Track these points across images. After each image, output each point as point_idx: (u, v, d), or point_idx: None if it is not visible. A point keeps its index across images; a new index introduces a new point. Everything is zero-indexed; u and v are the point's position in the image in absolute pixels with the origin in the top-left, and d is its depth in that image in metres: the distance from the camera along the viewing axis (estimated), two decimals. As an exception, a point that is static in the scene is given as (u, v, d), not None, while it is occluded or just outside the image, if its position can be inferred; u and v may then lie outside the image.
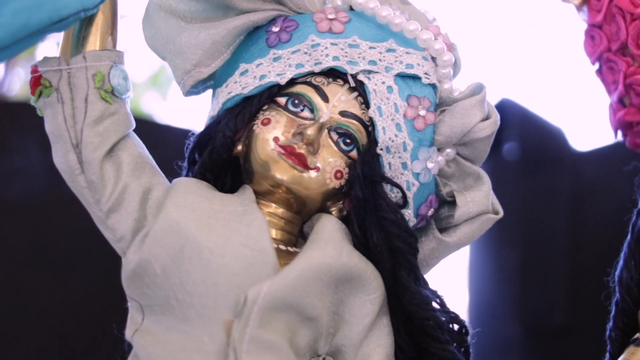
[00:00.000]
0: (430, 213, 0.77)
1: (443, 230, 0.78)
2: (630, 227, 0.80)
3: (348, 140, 0.74)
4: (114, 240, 0.73)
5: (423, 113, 0.74)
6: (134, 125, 0.75)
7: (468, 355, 0.75)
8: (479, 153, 0.77)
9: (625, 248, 0.80)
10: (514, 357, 1.36)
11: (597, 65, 0.88)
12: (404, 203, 0.74)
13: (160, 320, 0.70)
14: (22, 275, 1.20)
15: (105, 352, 0.99)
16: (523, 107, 1.38)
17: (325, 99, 0.74)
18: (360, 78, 0.74)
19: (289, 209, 0.74)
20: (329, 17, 0.75)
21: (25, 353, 1.18)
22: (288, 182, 0.72)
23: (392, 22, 0.75)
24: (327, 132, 0.73)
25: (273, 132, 0.73)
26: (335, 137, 0.73)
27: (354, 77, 0.74)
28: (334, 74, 0.74)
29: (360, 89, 0.74)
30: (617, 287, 0.80)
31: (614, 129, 0.88)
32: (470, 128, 0.75)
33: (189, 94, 0.79)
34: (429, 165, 0.75)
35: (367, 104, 0.74)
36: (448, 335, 0.73)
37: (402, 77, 0.74)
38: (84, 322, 1.20)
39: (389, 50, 0.74)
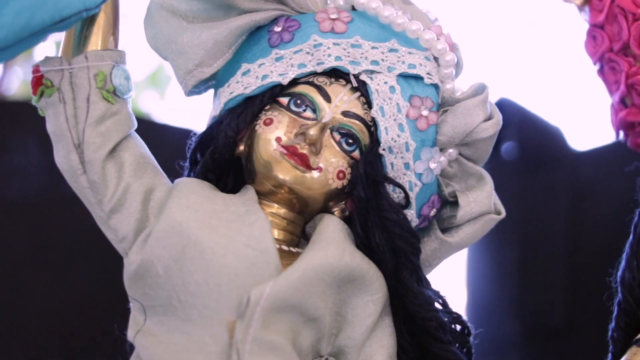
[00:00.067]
0: (433, 213, 0.77)
1: (445, 231, 0.78)
2: (633, 227, 0.80)
3: (350, 141, 0.73)
4: (116, 241, 0.72)
5: (425, 113, 0.74)
6: (136, 125, 0.75)
7: (470, 356, 0.75)
8: (482, 153, 0.77)
9: (628, 249, 0.80)
10: (512, 356, 1.36)
11: (598, 66, 0.88)
12: (407, 203, 0.74)
13: (163, 321, 0.69)
14: (21, 275, 1.20)
15: (105, 352, 0.99)
16: (522, 106, 1.38)
17: (328, 99, 0.73)
18: (363, 78, 0.73)
19: (291, 209, 0.74)
20: (331, 17, 0.75)
21: (25, 353, 1.17)
22: (290, 182, 0.72)
23: (394, 22, 0.75)
24: (329, 132, 0.73)
25: (275, 132, 0.73)
26: (338, 137, 0.73)
27: (357, 77, 0.74)
28: (336, 74, 0.74)
29: (363, 89, 0.74)
30: (619, 287, 0.80)
31: (616, 130, 0.88)
32: (473, 128, 0.75)
33: (191, 94, 0.78)
34: (432, 166, 0.75)
35: (369, 104, 0.74)
36: (450, 336, 0.73)
37: (404, 77, 0.74)
38: (84, 322, 1.19)
39: (392, 50, 0.74)
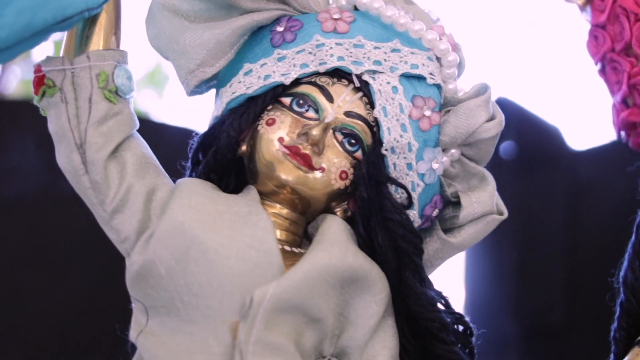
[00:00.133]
0: (435, 214, 0.77)
1: (447, 231, 0.78)
2: (635, 228, 0.80)
3: (353, 141, 0.73)
4: (118, 241, 0.72)
5: (428, 113, 0.74)
6: (138, 125, 0.74)
7: (473, 357, 0.75)
8: (484, 154, 0.77)
9: (630, 249, 0.80)
10: (511, 356, 1.36)
11: (600, 66, 0.88)
12: (409, 204, 0.74)
13: (165, 322, 0.69)
14: (20, 275, 1.19)
15: (105, 352, 0.99)
16: (520, 106, 1.38)
17: (330, 99, 0.73)
18: (365, 78, 0.73)
19: (294, 210, 0.74)
20: (334, 17, 0.75)
21: (25, 353, 1.17)
22: (293, 182, 0.72)
23: (397, 22, 0.75)
24: (332, 132, 0.73)
25: (278, 132, 0.72)
26: (340, 137, 0.73)
27: (359, 77, 0.73)
28: (339, 74, 0.74)
29: (365, 89, 0.73)
30: (621, 288, 0.80)
31: (617, 130, 0.87)
32: (476, 129, 0.74)
33: (193, 94, 0.78)
34: (434, 166, 0.75)
35: (372, 104, 0.73)
36: (453, 337, 0.73)
37: (407, 77, 0.74)
38: (83, 321, 1.19)
39: (394, 51, 0.74)
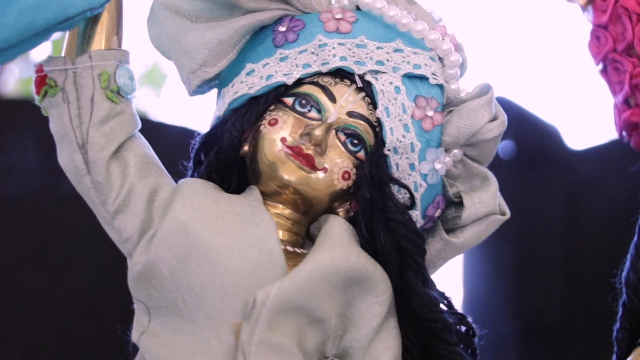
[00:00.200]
0: (437, 214, 0.77)
1: (450, 231, 0.77)
2: (638, 228, 0.80)
3: (356, 141, 0.73)
4: (120, 242, 0.72)
5: (431, 114, 0.74)
6: (140, 126, 0.74)
7: (475, 357, 0.75)
8: (486, 154, 0.77)
9: (632, 249, 0.80)
10: (509, 355, 1.36)
11: (601, 66, 0.88)
12: (412, 204, 0.74)
13: (167, 322, 0.69)
14: (19, 274, 1.19)
15: (105, 352, 0.99)
16: (518, 105, 1.38)
17: (333, 100, 0.73)
18: (368, 78, 0.73)
19: (296, 210, 0.74)
20: (336, 16, 0.74)
21: (24, 353, 1.17)
22: (295, 183, 0.72)
23: (399, 22, 0.75)
24: (334, 132, 0.73)
25: (280, 132, 0.72)
26: (343, 137, 0.73)
27: (362, 77, 0.73)
28: (341, 74, 0.74)
29: (368, 89, 0.73)
30: (624, 288, 0.79)
31: (619, 130, 0.87)
32: (478, 129, 0.74)
33: (194, 94, 0.78)
34: (437, 166, 0.74)
35: (374, 105, 0.73)
36: (456, 337, 0.73)
37: (409, 77, 0.74)
38: (83, 321, 1.19)
39: (397, 51, 0.74)
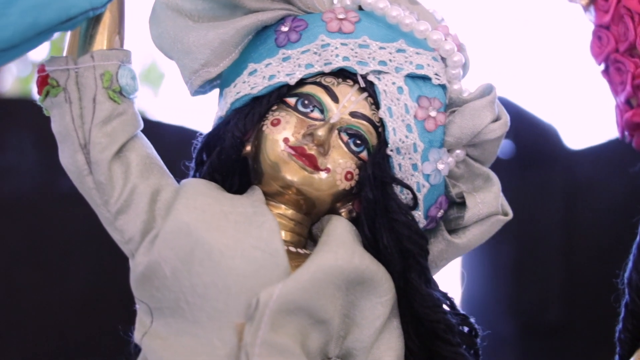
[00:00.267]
0: (440, 214, 0.77)
1: (452, 232, 0.77)
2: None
3: (358, 141, 0.73)
4: (123, 242, 0.72)
5: (433, 114, 0.74)
6: (142, 126, 0.74)
7: (478, 358, 0.75)
8: (489, 154, 0.77)
9: (635, 250, 0.80)
10: (507, 354, 1.36)
11: (603, 66, 0.87)
12: (414, 204, 0.74)
13: (170, 323, 0.69)
14: (18, 274, 1.19)
15: (105, 352, 0.98)
16: (517, 105, 1.38)
17: (335, 100, 0.73)
18: (370, 78, 0.73)
19: (299, 210, 0.74)
20: (339, 17, 0.74)
21: (23, 352, 1.17)
22: (298, 183, 0.72)
23: (402, 22, 0.75)
24: (337, 133, 0.72)
25: (283, 132, 0.72)
26: (346, 138, 0.73)
27: (364, 77, 0.73)
28: (344, 75, 0.73)
29: (370, 90, 0.73)
30: (626, 289, 0.79)
31: (621, 130, 0.87)
32: (481, 129, 0.74)
33: (196, 94, 0.78)
34: (439, 167, 0.74)
35: (377, 105, 0.73)
36: (459, 338, 0.73)
37: (412, 77, 0.74)
38: (82, 321, 1.19)
39: (399, 51, 0.74)
